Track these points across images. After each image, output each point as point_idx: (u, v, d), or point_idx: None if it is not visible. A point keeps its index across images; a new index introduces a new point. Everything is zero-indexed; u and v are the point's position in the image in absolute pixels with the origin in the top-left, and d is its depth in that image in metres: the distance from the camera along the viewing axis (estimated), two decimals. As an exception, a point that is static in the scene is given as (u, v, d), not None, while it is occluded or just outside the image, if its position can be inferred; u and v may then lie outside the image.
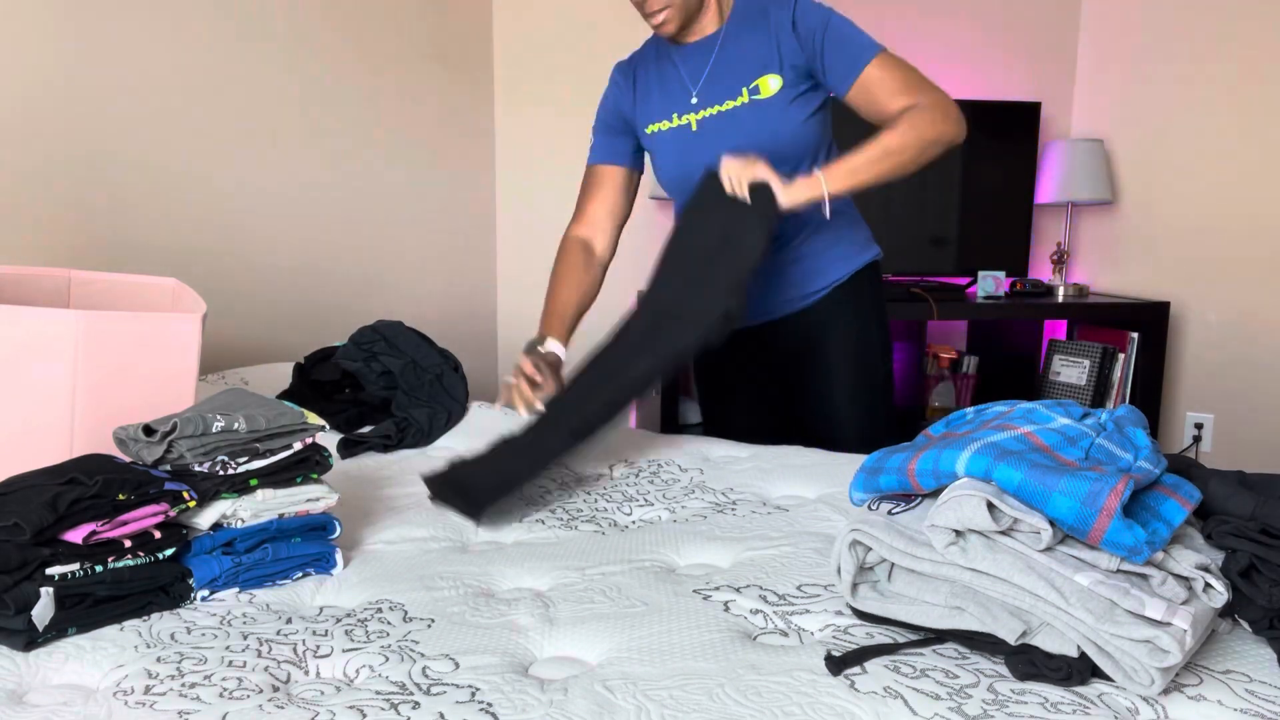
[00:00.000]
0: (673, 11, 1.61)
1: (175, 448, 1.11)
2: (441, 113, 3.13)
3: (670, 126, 1.73)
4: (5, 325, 1.22)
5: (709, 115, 1.69)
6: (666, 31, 1.64)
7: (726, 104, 1.68)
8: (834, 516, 1.34)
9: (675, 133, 1.73)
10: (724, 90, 1.68)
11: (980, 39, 3.60)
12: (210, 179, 2.37)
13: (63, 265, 1.99)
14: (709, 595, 1.08)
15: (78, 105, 2.03)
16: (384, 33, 2.88)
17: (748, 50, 1.66)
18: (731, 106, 1.67)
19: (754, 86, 1.66)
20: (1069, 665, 0.86)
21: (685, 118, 1.71)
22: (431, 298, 3.17)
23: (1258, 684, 0.86)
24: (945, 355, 3.60)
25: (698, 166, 1.65)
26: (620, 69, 1.82)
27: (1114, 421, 1.05)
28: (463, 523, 1.38)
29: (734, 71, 1.67)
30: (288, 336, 2.61)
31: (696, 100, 1.70)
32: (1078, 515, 0.87)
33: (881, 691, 0.85)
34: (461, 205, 3.26)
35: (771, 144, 1.65)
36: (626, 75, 1.80)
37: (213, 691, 0.88)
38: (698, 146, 1.70)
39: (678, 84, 1.72)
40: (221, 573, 1.09)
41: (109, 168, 2.11)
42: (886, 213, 3.42)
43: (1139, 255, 3.56)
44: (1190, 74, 3.37)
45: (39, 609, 0.95)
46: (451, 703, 0.86)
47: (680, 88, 1.72)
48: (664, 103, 1.74)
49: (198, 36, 2.31)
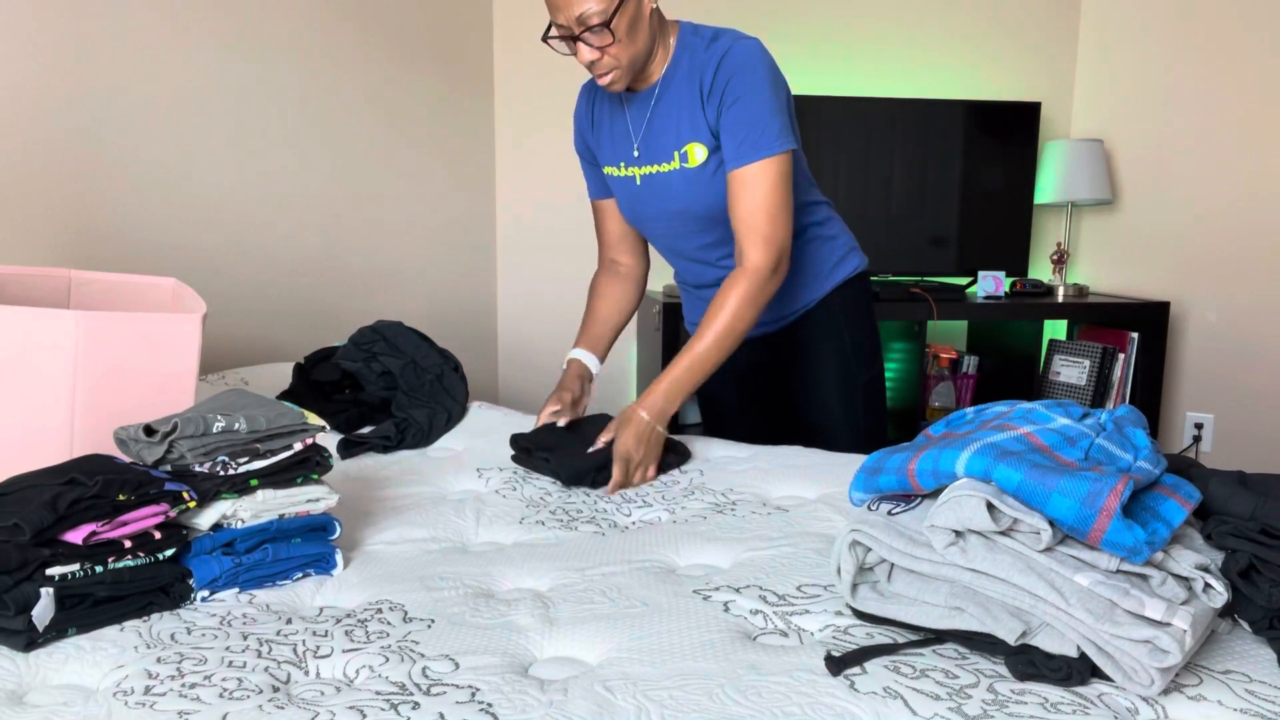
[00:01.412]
0: (620, 74, 1.59)
1: (175, 448, 1.11)
2: (442, 113, 3.13)
3: (619, 174, 1.77)
4: (5, 325, 1.22)
5: (648, 173, 1.72)
6: (615, 90, 1.63)
7: (662, 166, 1.69)
8: (834, 517, 1.34)
9: (623, 182, 1.77)
10: (658, 152, 1.69)
11: (980, 39, 3.60)
12: (210, 179, 2.37)
13: (63, 265, 1.99)
14: (709, 595, 1.08)
15: (78, 105, 2.03)
16: (384, 33, 2.89)
17: (680, 110, 1.65)
18: (665, 170, 1.69)
19: (683, 153, 1.66)
20: (1069, 665, 0.86)
21: (630, 170, 1.74)
22: (431, 298, 3.17)
23: (1258, 684, 0.86)
24: (945, 355, 3.60)
25: (645, 215, 1.76)
26: (585, 92, 1.82)
27: (1114, 422, 1.05)
28: (463, 524, 1.38)
29: (666, 133, 1.68)
30: (288, 336, 2.62)
31: (638, 154, 1.72)
32: (1077, 515, 0.87)
33: (881, 691, 0.85)
34: (461, 205, 3.26)
35: (702, 209, 1.69)
36: (588, 104, 1.81)
37: (213, 692, 0.88)
38: (642, 200, 1.75)
39: (624, 132, 1.74)
40: (221, 573, 1.09)
41: (109, 168, 2.11)
42: (887, 213, 3.43)
43: (1139, 255, 3.56)
44: (1190, 74, 3.37)
45: (39, 609, 0.95)
46: (451, 703, 0.86)
47: (625, 137, 1.74)
48: (614, 149, 1.76)
49: (198, 37, 2.31)
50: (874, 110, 3.36)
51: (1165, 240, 3.48)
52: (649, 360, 3.28)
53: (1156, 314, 3.32)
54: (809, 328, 1.84)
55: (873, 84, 3.53)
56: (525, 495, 1.50)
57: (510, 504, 1.46)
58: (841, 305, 1.84)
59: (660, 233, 1.78)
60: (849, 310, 1.84)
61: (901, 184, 3.46)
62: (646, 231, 1.81)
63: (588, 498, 1.49)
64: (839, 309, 1.83)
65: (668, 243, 1.80)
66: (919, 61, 3.57)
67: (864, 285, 1.88)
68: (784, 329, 1.86)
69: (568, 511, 1.42)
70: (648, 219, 1.77)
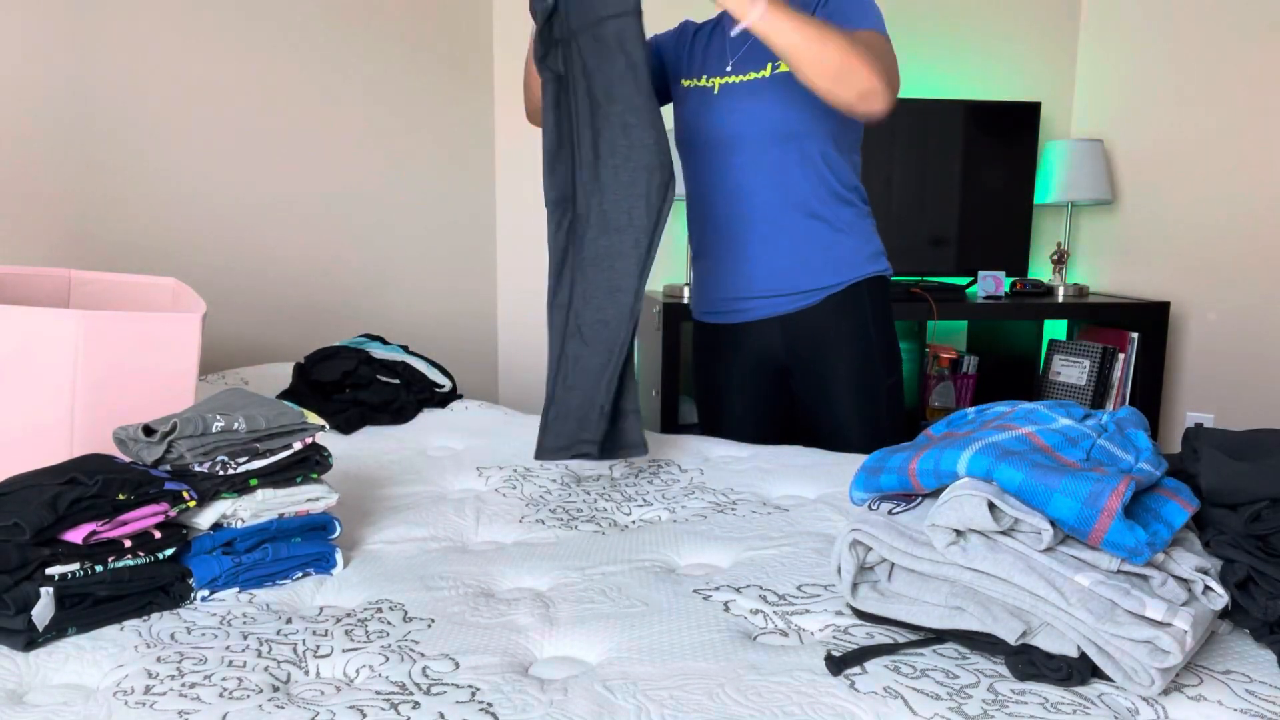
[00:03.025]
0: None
1: (175, 448, 1.11)
2: (441, 113, 3.13)
3: (698, 85, 1.81)
4: (5, 325, 1.22)
5: (731, 82, 1.76)
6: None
7: (751, 74, 1.74)
8: (834, 516, 1.34)
9: (700, 93, 1.80)
10: (754, 62, 1.74)
11: (980, 39, 3.60)
12: (210, 179, 2.37)
13: (63, 265, 1.99)
14: (709, 595, 1.08)
15: (78, 105, 2.03)
16: (384, 33, 2.88)
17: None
18: (755, 78, 1.74)
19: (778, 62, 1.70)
20: (1069, 665, 0.86)
21: (712, 80, 1.78)
22: (432, 297, 3.17)
23: (1258, 684, 0.86)
24: (945, 355, 3.60)
25: (710, 123, 1.77)
26: (687, 23, 1.89)
27: (1115, 423, 1.05)
28: (463, 523, 1.38)
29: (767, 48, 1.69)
30: (288, 336, 2.62)
31: (731, 68, 1.77)
32: (1079, 516, 0.87)
33: (881, 691, 0.85)
34: (462, 206, 3.26)
35: (782, 117, 1.72)
36: (687, 30, 1.88)
37: (213, 691, 0.88)
38: (716, 107, 1.77)
39: (719, 50, 1.80)
40: (221, 573, 1.09)
41: (109, 168, 2.11)
42: (887, 213, 3.43)
43: (1139, 255, 3.57)
44: (1190, 74, 3.37)
45: (39, 609, 0.95)
46: (451, 703, 0.86)
47: (720, 54, 1.79)
48: (703, 63, 1.81)
49: (198, 37, 2.31)
50: (874, 110, 3.36)
51: (1165, 240, 3.48)
52: (649, 360, 3.28)
53: (1156, 314, 3.32)
54: (834, 314, 1.79)
55: (873, 84, 3.52)
56: (525, 494, 1.50)
57: (510, 503, 1.46)
58: (870, 299, 1.81)
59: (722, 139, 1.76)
60: (876, 306, 1.82)
61: (901, 184, 3.46)
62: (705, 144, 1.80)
63: (588, 496, 1.49)
64: (867, 302, 1.80)
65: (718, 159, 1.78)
66: (919, 61, 3.57)
67: (889, 289, 1.86)
68: (805, 312, 1.80)
69: (568, 510, 1.42)
70: (713, 125, 1.77)
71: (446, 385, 2.01)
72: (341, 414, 1.82)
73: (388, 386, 1.89)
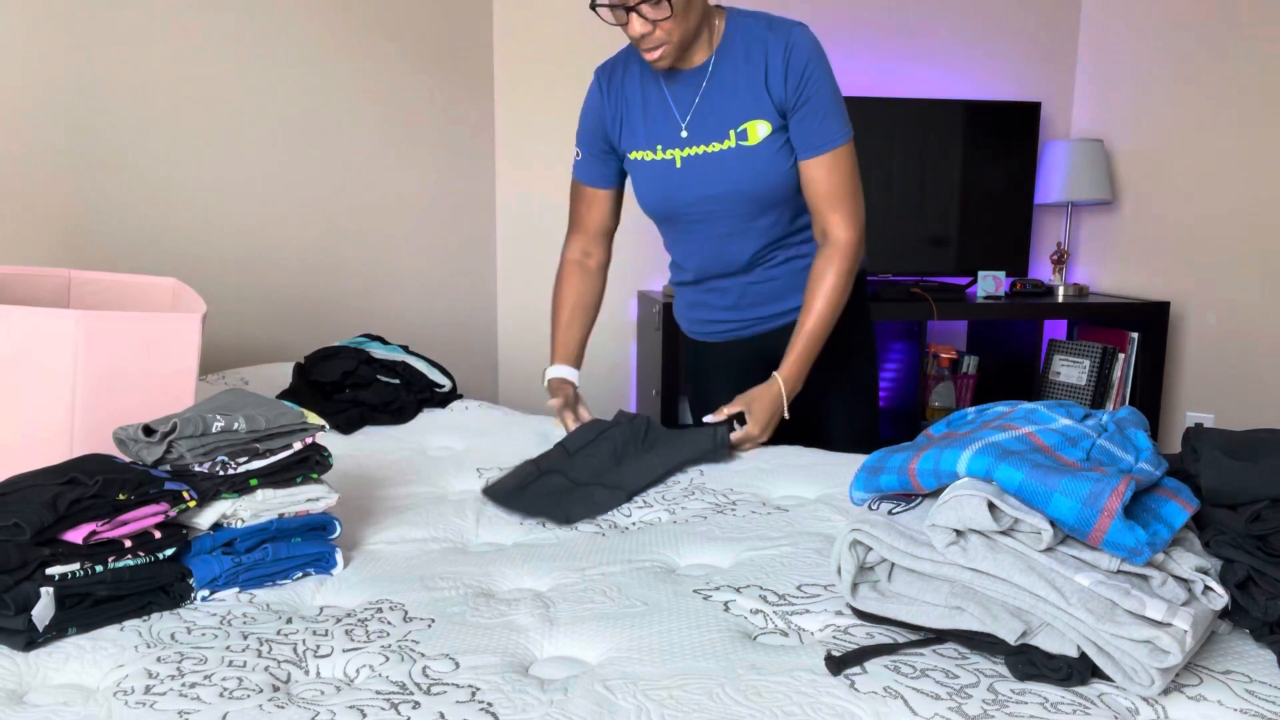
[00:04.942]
0: (669, 50, 1.59)
1: (175, 448, 1.11)
2: (442, 113, 3.13)
3: (655, 158, 1.72)
4: (5, 325, 1.22)
5: (694, 154, 1.69)
6: (661, 67, 1.62)
7: (713, 146, 1.67)
8: (834, 516, 1.34)
9: (658, 166, 1.72)
10: (711, 130, 1.67)
11: (980, 39, 3.60)
12: (210, 179, 2.37)
13: (63, 265, 1.99)
14: (709, 595, 1.08)
15: (78, 105, 2.03)
16: (384, 33, 2.88)
17: (739, 88, 1.65)
18: (718, 149, 1.67)
19: (741, 130, 1.65)
20: (1069, 665, 0.86)
21: (670, 153, 1.70)
22: (432, 296, 3.17)
23: (1258, 684, 0.86)
24: (945, 355, 3.60)
25: (679, 200, 1.73)
26: (603, 77, 1.77)
27: (1115, 423, 1.05)
28: (463, 524, 1.38)
29: (722, 110, 1.66)
30: (288, 336, 2.61)
31: (686, 135, 1.69)
32: (1079, 516, 0.87)
33: (881, 691, 0.85)
34: (462, 206, 3.26)
35: (752, 189, 1.68)
36: (609, 89, 1.76)
37: (213, 691, 0.88)
38: (681, 183, 1.71)
39: (665, 114, 1.70)
40: (222, 573, 1.09)
41: (109, 168, 2.11)
42: (886, 213, 3.43)
43: (1139, 255, 3.57)
44: (1190, 74, 3.37)
45: (39, 609, 0.95)
46: (452, 702, 0.86)
47: (668, 119, 1.70)
48: (649, 132, 1.72)
49: (198, 37, 2.31)
50: (874, 110, 3.36)
51: (1165, 240, 3.48)
52: (649, 360, 3.28)
53: (1156, 314, 3.32)
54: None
55: (873, 84, 3.53)
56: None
57: (510, 504, 1.46)
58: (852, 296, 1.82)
59: (696, 216, 1.73)
60: (852, 307, 1.82)
61: (901, 184, 3.46)
62: (673, 218, 1.77)
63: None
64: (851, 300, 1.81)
65: (694, 230, 1.76)
66: (919, 61, 3.57)
67: (863, 283, 1.87)
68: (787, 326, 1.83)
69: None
70: (684, 203, 1.72)
71: (446, 385, 2.01)
72: (341, 414, 1.82)
73: (388, 386, 1.89)
